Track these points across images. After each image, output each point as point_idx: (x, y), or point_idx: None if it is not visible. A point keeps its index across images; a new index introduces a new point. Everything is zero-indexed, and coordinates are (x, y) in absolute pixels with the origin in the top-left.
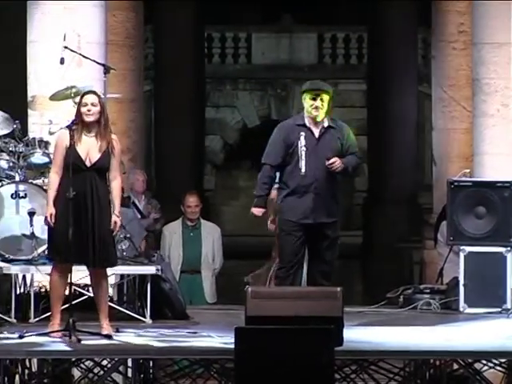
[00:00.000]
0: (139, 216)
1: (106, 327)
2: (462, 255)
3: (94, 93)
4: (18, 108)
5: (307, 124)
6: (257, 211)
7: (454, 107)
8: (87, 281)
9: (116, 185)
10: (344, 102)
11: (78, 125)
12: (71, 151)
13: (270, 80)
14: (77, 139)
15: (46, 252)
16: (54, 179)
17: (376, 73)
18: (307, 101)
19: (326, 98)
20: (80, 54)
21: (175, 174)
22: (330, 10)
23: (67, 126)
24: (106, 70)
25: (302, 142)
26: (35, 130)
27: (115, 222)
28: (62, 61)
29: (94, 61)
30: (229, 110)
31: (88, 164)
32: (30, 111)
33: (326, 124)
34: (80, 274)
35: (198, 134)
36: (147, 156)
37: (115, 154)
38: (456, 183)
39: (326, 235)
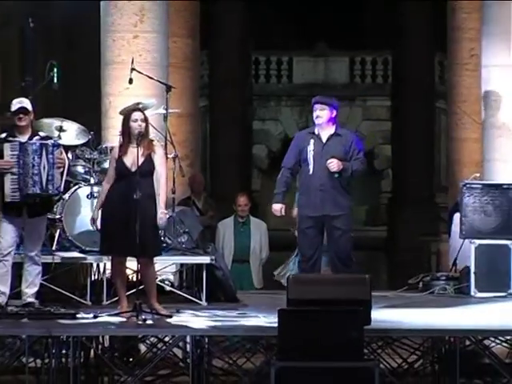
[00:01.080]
0: (198, 214)
1: (160, 308)
2: (473, 247)
3: (140, 110)
4: (93, 121)
5: (316, 132)
6: (275, 208)
7: (466, 120)
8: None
9: (161, 185)
10: (371, 116)
11: (124, 139)
12: (119, 162)
13: (308, 97)
14: (123, 150)
15: (99, 247)
16: (104, 188)
17: (399, 91)
18: (317, 112)
19: (325, 108)
20: (146, 75)
21: (227, 178)
22: (359, 37)
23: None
24: (168, 88)
25: (311, 146)
26: (107, 139)
27: (161, 218)
28: (130, 81)
29: (158, 80)
30: (273, 123)
31: (133, 169)
32: (103, 124)
33: (332, 132)
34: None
35: (246, 143)
36: (203, 162)
37: (157, 157)
38: (468, 185)
39: (336, 227)
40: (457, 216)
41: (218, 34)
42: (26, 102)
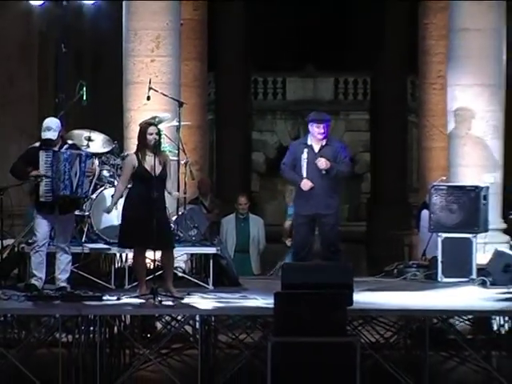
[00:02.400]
0: (205, 211)
1: (175, 292)
2: (439, 240)
3: (155, 125)
4: (117, 132)
5: (309, 143)
6: (306, 183)
7: (434, 132)
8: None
9: (171, 184)
10: (353, 128)
11: (142, 148)
12: (140, 168)
13: (300, 111)
14: (142, 159)
15: (120, 240)
16: (120, 187)
17: (376, 106)
18: (314, 128)
19: (322, 125)
20: (161, 93)
21: (230, 180)
22: (342, 60)
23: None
24: (180, 104)
25: (305, 155)
26: (129, 148)
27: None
28: (148, 98)
29: (172, 97)
30: (269, 134)
31: (153, 174)
32: (125, 135)
33: (324, 143)
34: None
35: (246, 151)
36: (210, 167)
37: (169, 166)
38: (436, 187)
39: (326, 223)
40: (424, 213)
41: (222, 58)
42: (53, 127)
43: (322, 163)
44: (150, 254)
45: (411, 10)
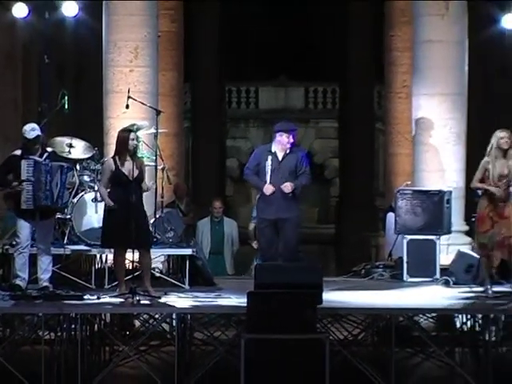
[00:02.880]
0: (181, 214)
1: (152, 291)
2: (405, 241)
3: (134, 132)
4: (97, 139)
5: (273, 150)
6: (268, 187)
7: (399, 138)
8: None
9: (145, 184)
10: (322, 135)
11: (121, 153)
12: (118, 172)
13: (272, 120)
14: (120, 163)
15: (101, 241)
16: (103, 189)
17: (345, 115)
18: (283, 138)
19: (287, 134)
20: (140, 102)
21: (206, 185)
22: (312, 71)
23: (112, 157)
24: (158, 112)
25: (269, 162)
26: (108, 154)
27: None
28: (127, 106)
29: (150, 106)
30: (243, 141)
31: (131, 178)
32: (105, 141)
33: (288, 151)
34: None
35: (221, 157)
36: (186, 172)
37: (144, 170)
38: (401, 191)
39: (287, 226)
40: (390, 216)
41: (197, 69)
42: (36, 128)
43: (288, 188)
44: (129, 255)
45: (377, 23)
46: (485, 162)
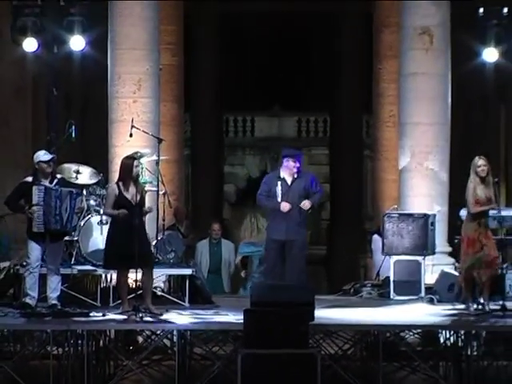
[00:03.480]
0: (181, 236)
1: (153, 309)
2: (392, 262)
3: (137, 159)
4: (103, 166)
5: (282, 176)
6: (285, 205)
7: (386, 165)
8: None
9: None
10: (314, 162)
11: (125, 179)
12: (122, 196)
13: (267, 147)
14: (124, 188)
15: (103, 263)
16: (109, 209)
17: (335, 142)
18: (290, 163)
19: (294, 160)
20: (142, 131)
21: (204, 209)
22: (305, 101)
23: (116, 182)
24: (159, 141)
25: (279, 188)
26: (113, 180)
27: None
28: (130, 135)
29: (152, 135)
30: (239, 167)
31: (134, 203)
32: (110, 168)
33: (296, 176)
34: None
35: (219, 182)
36: (186, 197)
37: (145, 195)
38: (388, 215)
39: (295, 247)
40: (375, 238)
41: (197, 99)
42: (48, 152)
43: (307, 205)
44: (132, 275)
45: (366, 56)
46: (473, 188)
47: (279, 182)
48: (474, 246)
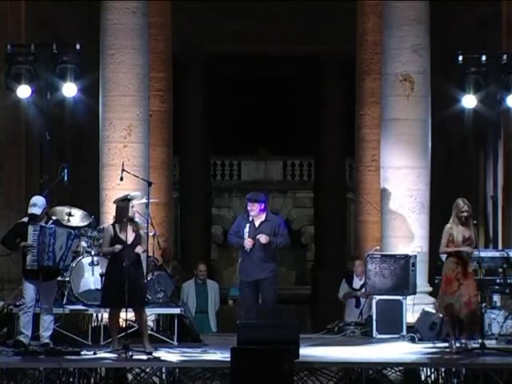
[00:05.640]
0: (168, 276)
1: (148, 347)
2: (374, 301)
3: (131, 201)
4: (94, 208)
5: (251, 219)
6: (249, 241)
7: (369, 207)
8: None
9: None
10: (299, 204)
11: (121, 221)
12: (117, 237)
13: (253, 190)
14: (119, 229)
15: (101, 301)
16: (105, 249)
17: (319, 186)
18: (249, 206)
19: (255, 204)
20: (133, 174)
21: (193, 250)
22: (289, 146)
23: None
24: (149, 184)
25: (247, 229)
26: (104, 222)
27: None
28: (121, 179)
29: (142, 178)
30: (226, 210)
31: (128, 243)
32: (101, 210)
33: (263, 219)
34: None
35: (207, 224)
36: (175, 238)
37: (141, 234)
38: (370, 255)
39: (265, 285)
40: (343, 283)
41: (185, 144)
42: (38, 204)
43: (263, 238)
44: (122, 315)
45: (348, 102)
46: (448, 229)
47: (247, 224)
48: (452, 286)
